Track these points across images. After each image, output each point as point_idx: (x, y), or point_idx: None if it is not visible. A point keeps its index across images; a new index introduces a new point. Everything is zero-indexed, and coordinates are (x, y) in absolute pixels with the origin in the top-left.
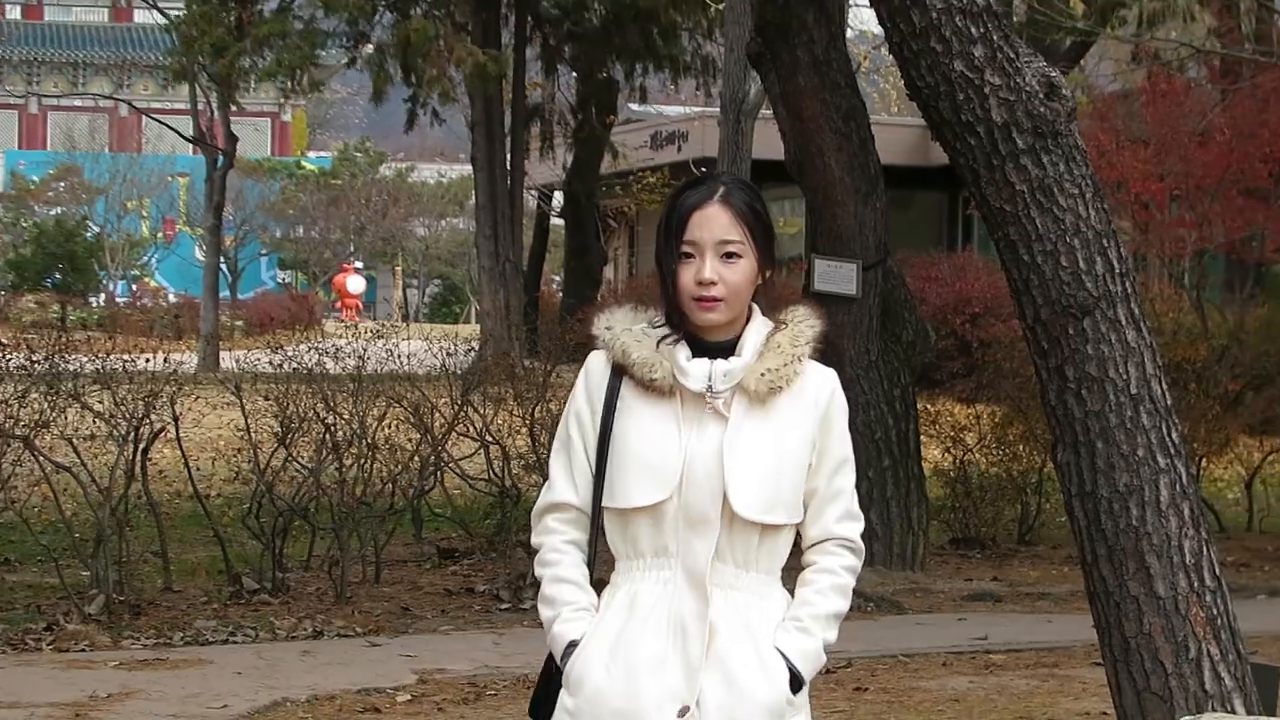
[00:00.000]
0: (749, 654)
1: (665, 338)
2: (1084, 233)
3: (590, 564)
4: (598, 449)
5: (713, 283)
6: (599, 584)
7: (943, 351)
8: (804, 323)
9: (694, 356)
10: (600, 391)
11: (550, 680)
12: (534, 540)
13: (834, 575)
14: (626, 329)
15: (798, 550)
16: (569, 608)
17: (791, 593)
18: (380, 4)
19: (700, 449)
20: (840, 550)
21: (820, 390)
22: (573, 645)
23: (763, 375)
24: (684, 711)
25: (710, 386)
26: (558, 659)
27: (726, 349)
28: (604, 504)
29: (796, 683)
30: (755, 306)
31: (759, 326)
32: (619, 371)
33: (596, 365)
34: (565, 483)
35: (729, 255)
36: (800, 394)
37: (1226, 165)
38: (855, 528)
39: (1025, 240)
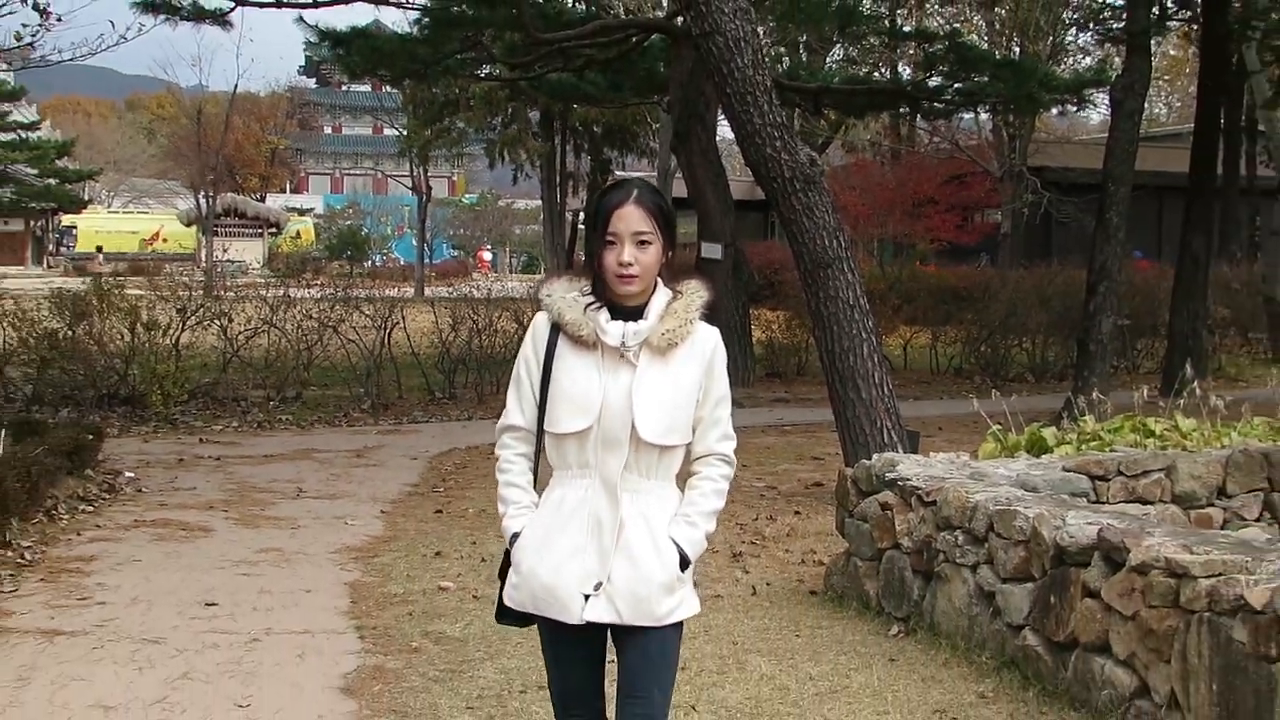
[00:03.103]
0: (647, 542)
1: (590, 304)
2: (827, 228)
3: (535, 471)
4: (540, 385)
5: (630, 264)
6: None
7: (761, 286)
8: (695, 293)
9: (612, 319)
10: (542, 344)
11: (506, 562)
12: (496, 451)
13: (714, 482)
14: (562, 296)
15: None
16: (514, 506)
17: (683, 491)
18: (495, 121)
19: (615, 389)
20: (719, 463)
21: (706, 344)
22: (516, 536)
23: (663, 334)
24: (598, 586)
25: (624, 343)
26: (507, 545)
27: (636, 313)
28: (544, 429)
29: (684, 563)
30: (660, 280)
31: (661, 296)
32: (556, 328)
33: (540, 323)
34: (517, 410)
35: (642, 242)
36: (691, 346)
37: (893, 201)
38: (730, 445)
39: (801, 233)
